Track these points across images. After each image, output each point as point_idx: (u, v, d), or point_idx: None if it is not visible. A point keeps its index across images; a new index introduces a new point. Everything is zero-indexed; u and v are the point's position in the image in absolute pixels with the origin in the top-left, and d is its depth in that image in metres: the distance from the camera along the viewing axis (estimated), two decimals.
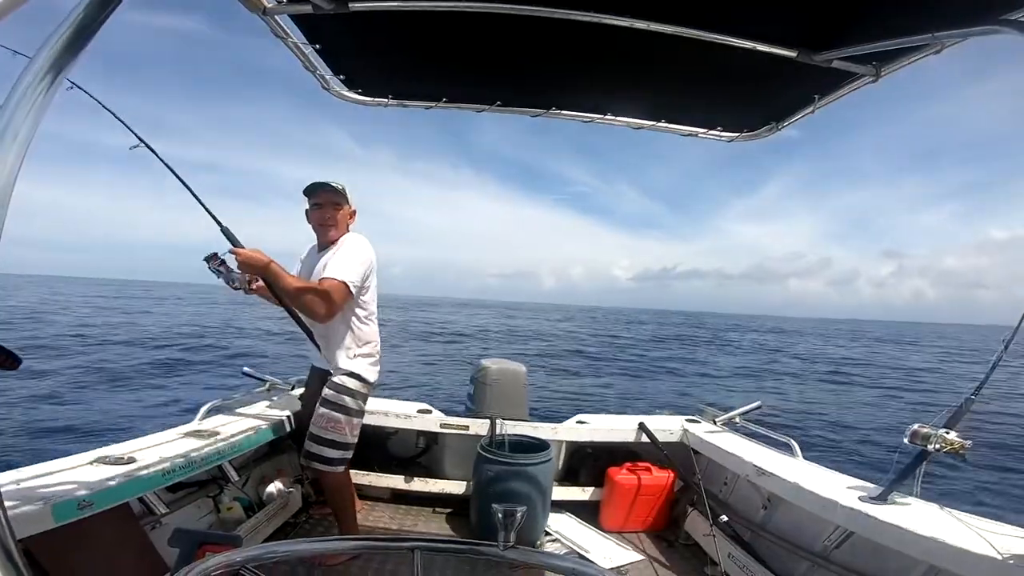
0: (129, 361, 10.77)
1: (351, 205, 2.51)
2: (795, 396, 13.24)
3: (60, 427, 6.05)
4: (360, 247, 2.41)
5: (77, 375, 9.02)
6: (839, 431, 9.46)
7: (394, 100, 1.98)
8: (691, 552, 2.90)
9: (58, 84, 0.68)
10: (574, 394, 11.08)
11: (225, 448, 2.34)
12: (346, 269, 2.27)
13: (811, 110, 1.72)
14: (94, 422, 6.46)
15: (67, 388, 8.10)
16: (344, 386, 2.39)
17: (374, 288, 2.47)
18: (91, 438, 5.72)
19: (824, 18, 1.32)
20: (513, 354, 13.01)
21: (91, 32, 0.70)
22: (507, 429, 3.10)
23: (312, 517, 2.98)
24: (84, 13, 0.69)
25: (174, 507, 2.20)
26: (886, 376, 18.55)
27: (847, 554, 2.11)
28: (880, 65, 1.43)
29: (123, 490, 1.79)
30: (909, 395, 14.48)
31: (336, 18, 1.41)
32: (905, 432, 1.94)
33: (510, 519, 0.80)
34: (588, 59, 1.65)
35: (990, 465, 7.39)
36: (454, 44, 1.64)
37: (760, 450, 2.83)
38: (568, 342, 24.83)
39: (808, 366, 20.96)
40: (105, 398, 7.63)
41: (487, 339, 24.88)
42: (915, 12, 1.21)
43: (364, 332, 2.45)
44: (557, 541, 2.92)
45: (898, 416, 10.92)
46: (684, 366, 17.98)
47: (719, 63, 1.52)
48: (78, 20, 0.69)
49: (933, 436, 1.85)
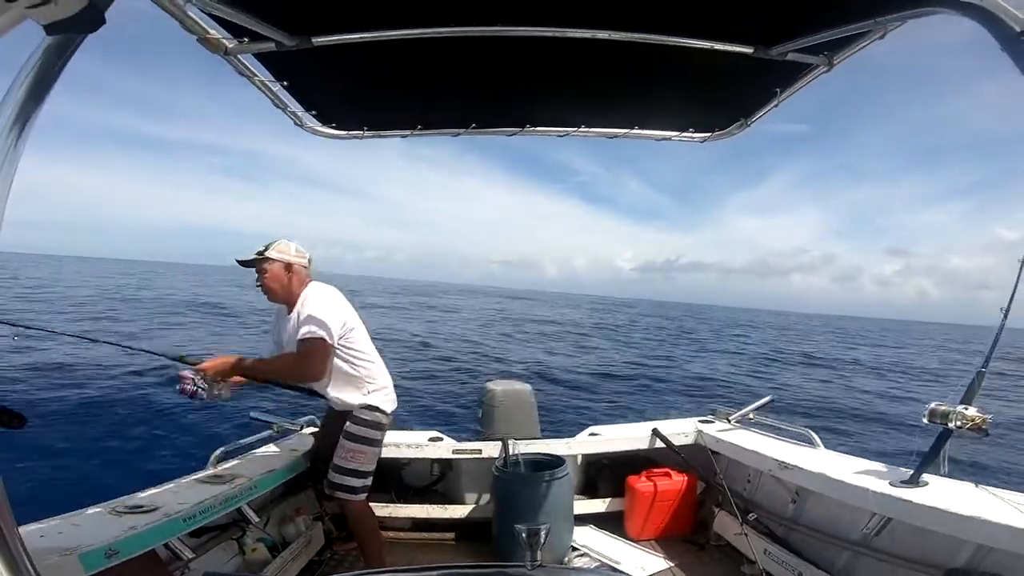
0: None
1: (285, 258, 2.38)
2: (802, 390, 13.11)
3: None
4: (319, 300, 2.32)
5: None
6: (851, 418, 9.37)
7: (369, 132, 1.99)
8: (723, 553, 2.86)
9: (26, 135, 0.68)
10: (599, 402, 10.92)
11: (243, 491, 2.34)
12: (315, 326, 2.21)
13: (775, 104, 1.75)
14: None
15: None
16: (365, 419, 2.42)
17: (362, 332, 2.44)
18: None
19: (774, 12, 1.36)
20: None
21: (52, 78, 0.70)
22: (520, 448, 3.09)
23: (336, 554, 2.96)
24: (42, 60, 0.69)
25: (200, 552, 2.19)
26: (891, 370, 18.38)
27: (888, 540, 2.09)
28: (831, 54, 1.47)
29: (148, 537, 1.79)
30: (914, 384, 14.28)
31: (301, 54, 1.41)
32: (923, 412, 1.93)
33: (534, 538, 0.79)
34: (557, 74, 1.68)
35: (1014, 439, 7.29)
36: (423, 71, 1.66)
37: (779, 444, 2.81)
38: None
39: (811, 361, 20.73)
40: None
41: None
42: (855, 0, 1.25)
43: (368, 371, 2.45)
44: (586, 555, 2.87)
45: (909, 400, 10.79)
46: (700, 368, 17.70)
47: (682, 65, 1.56)
48: (37, 67, 0.69)
49: (952, 413, 1.84)
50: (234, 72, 1.47)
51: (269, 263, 2.37)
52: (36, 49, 0.70)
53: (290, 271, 2.39)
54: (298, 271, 2.41)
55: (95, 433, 6.97)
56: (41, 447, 5.94)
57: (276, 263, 2.37)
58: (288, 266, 2.39)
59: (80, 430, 6.95)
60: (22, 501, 0.82)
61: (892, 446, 7.45)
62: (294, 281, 2.39)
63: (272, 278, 2.36)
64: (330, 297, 2.38)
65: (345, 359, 2.38)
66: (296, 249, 2.44)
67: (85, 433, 6.89)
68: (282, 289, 2.38)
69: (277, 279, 2.37)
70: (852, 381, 14.80)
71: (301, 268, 2.42)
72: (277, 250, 2.39)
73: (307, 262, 2.46)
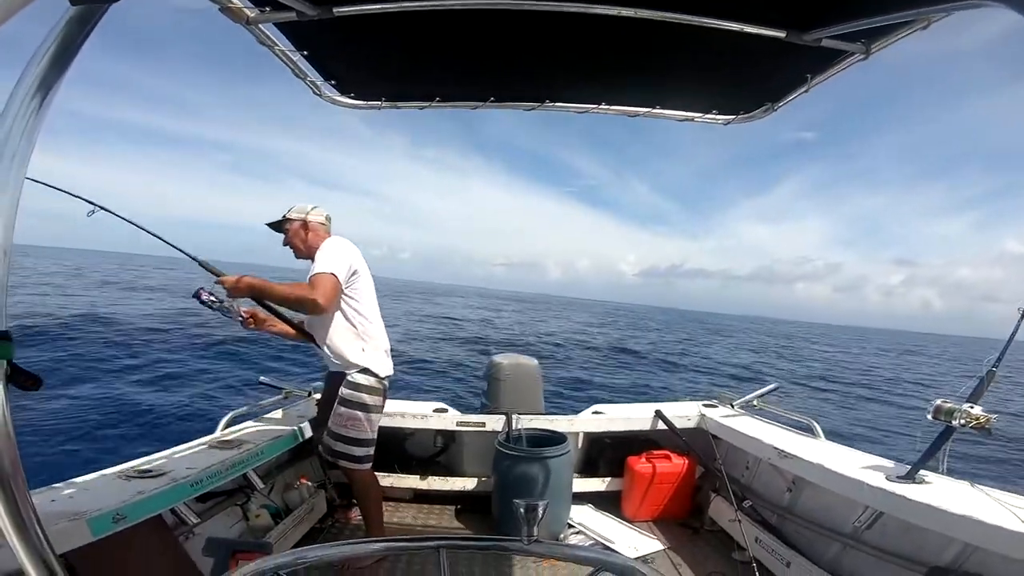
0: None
1: (302, 216, 2.55)
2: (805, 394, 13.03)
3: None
4: (331, 245, 2.44)
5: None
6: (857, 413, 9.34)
7: (387, 103, 1.99)
8: (717, 538, 2.90)
9: (48, 102, 0.69)
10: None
11: (249, 457, 2.39)
12: (323, 263, 2.34)
13: (805, 89, 1.70)
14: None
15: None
16: (359, 383, 2.46)
17: (368, 287, 2.52)
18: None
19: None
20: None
21: (75, 48, 0.70)
22: (523, 424, 3.11)
23: (338, 521, 3.02)
24: (65, 30, 0.70)
25: (205, 517, 2.25)
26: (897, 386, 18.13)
27: (878, 534, 2.10)
28: (869, 42, 1.42)
29: (155, 502, 1.84)
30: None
31: (322, 24, 1.41)
32: (928, 408, 1.91)
33: (532, 513, 0.80)
34: (579, 50, 1.64)
35: (1017, 439, 7.26)
36: (443, 43, 1.64)
37: (781, 432, 2.81)
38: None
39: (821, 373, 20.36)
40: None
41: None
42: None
43: (367, 328, 2.50)
44: (581, 533, 2.93)
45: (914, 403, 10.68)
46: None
47: (710, 47, 1.51)
48: (60, 37, 0.69)
49: (957, 411, 1.83)
50: (248, 62, 1.46)
51: (290, 223, 2.56)
52: (60, 19, 0.70)
53: (307, 228, 2.55)
54: (315, 228, 2.56)
55: (111, 393, 7.16)
56: (54, 410, 6.13)
57: (295, 222, 2.56)
58: (305, 224, 2.55)
59: (95, 390, 7.15)
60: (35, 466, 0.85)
61: (896, 438, 7.45)
62: (311, 237, 2.54)
63: (293, 235, 2.55)
64: (339, 245, 2.46)
65: (347, 306, 2.44)
66: (313, 208, 2.60)
67: (101, 394, 7.09)
68: (303, 244, 2.54)
69: (297, 236, 2.55)
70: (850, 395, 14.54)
71: (319, 225, 2.57)
72: (296, 211, 2.57)
73: (324, 219, 2.60)
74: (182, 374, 8.41)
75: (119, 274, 34.25)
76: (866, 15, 1.27)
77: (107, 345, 9.55)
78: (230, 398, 7.29)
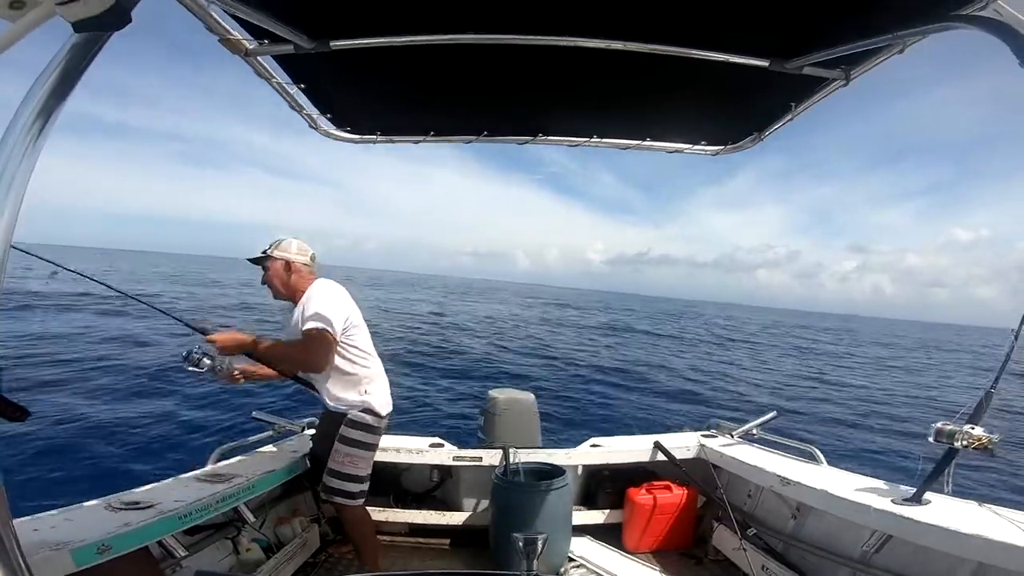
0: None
1: (285, 256, 2.44)
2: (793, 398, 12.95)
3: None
4: (322, 294, 2.37)
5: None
6: (856, 432, 9.27)
7: (383, 137, 2.02)
8: (721, 568, 2.83)
9: (49, 128, 0.69)
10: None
11: (240, 490, 2.33)
12: (316, 317, 2.25)
13: (790, 118, 1.75)
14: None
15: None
16: (360, 422, 2.43)
17: (362, 328, 2.47)
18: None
19: (791, 27, 1.36)
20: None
21: (77, 75, 0.71)
22: (520, 457, 3.07)
23: (331, 556, 2.94)
24: (69, 56, 0.71)
25: (193, 550, 2.18)
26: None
27: (888, 558, 2.07)
28: (849, 68, 1.46)
29: (142, 534, 1.79)
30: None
31: (319, 57, 1.43)
32: (929, 431, 1.91)
33: (531, 547, 0.78)
34: (570, 84, 1.68)
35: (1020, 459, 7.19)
36: (438, 78, 1.68)
37: (782, 460, 2.79)
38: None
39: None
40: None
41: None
42: (875, 14, 1.24)
43: (365, 370, 2.46)
44: (582, 567, 2.84)
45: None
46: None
47: (696, 78, 1.55)
48: (63, 63, 0.70)
49: (959, 433, 1.82)
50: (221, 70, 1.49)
51: (271, 261, 2.46)
52: (63, 46, 0.71)
53: (290, 269, 2.46)
54: (298, 269, 2.47)
55: (98, 426, 7.01)
56: (42, 440, 5.98)
57: (277, 261, 2.45)
58: (288, 264, 2.45)
59: (82, 424, 6.99)
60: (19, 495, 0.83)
61: (899, 460, 7.35)
62: (294, 279, 2.45)
63: (273, 275, 2.45)
64: (334, 293, 2.41)
65: (344, 356, 2.39)
66: (297, 247, 2.50)
67: (88, 427, 6.93)
68: (283, 286, 2.45)
69: (278, 276, 2.45)
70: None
71: (302, 266, 2.48)
72: (279, 249, 2.47)
73: (309, 260, 2.52)
74: (168, 399, 8.26)
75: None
76: (844, 41, 1.31)
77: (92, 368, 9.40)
78: (222, 432, 7.15)
